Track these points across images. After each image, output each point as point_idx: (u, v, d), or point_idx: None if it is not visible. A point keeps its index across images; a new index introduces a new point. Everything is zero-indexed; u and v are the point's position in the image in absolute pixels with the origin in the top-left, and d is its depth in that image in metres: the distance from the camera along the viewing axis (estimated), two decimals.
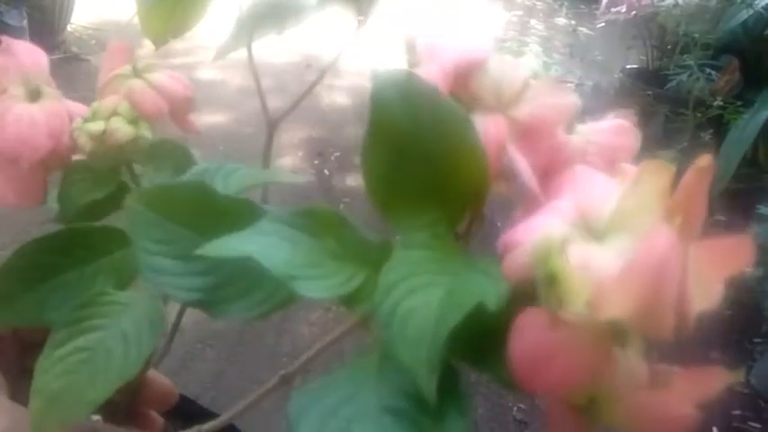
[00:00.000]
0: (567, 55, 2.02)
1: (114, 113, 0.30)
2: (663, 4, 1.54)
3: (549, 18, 2.68)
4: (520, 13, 2.77)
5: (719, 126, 1.36)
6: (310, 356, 0.23)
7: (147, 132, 0.30)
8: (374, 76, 0.21)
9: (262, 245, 0.21)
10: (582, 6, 2.56)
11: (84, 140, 0.28)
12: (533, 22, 2.73)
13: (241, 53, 0.46)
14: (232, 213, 0.24)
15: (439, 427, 0.19)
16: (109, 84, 0.31)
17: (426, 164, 0.21)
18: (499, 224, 0.21)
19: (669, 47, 1.68)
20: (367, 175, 0.21)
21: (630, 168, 0.23)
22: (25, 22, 1.64)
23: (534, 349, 0.18)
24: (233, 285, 0.23)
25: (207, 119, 1.76)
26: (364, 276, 0.22)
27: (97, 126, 0.29)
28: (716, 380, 0.17)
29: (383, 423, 0.19)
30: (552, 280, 0.17)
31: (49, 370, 0.22)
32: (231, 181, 0.30)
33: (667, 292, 0.16)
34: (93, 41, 2.06)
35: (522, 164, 0.21)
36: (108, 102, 0.30)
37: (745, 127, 1.32)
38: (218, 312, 0.23)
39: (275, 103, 0.45)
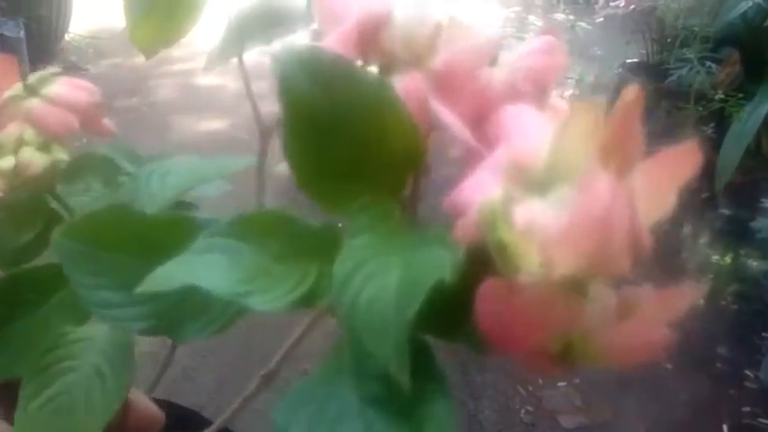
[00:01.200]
0: (567, 51, 2.02)
1: (21, 143, 0.27)
2: None
3: (547, 14, 2.67)
4: (518, 9, 2.76)
5: (721, 119, 1.35)
6: (286, 353, 0.23)
7: (62, 154, 0.28)
8: (275, 57, 0.20)
9: (200, 267, 0.20)
10: (580, 1, 2.55)
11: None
12: (531, 18, 2.72)
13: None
14: (166, 232, 0.23)
15: (422, 409, 0.19)
16: (3, 110, 0.28)
17: (351, 141, 0.20)
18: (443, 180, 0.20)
19: (669, 40, 1.67)
20: (292, 164, 0.20)
21: (560, 104, 0.23)
22: (22, 33, 1.64)
23: (501, 316, 0.18)
24: (183, 307, 0.22)
25: (206, 125, 1.76)
26: (316, 273, 0.21)
27: (6, 162, 0.26)
28: (683, 297, 0.17)
29: (367, 417, 0.19)
30: (502, 246, 0.17)
31: (30, 425, 0.21)
32: (168, 182, 0.29)
33: (616, 236, 0.16)
34: (92, 50, 2.06)
35: (449, 117, 0.20)
36: (9, 131, 0.27)
37: (747, 119, 1.31)
38: (176, 337, 0.22)
39: (273, 107, 0.44)
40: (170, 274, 0.19)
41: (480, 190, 0.18)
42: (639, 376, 1.15)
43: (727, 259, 1.41)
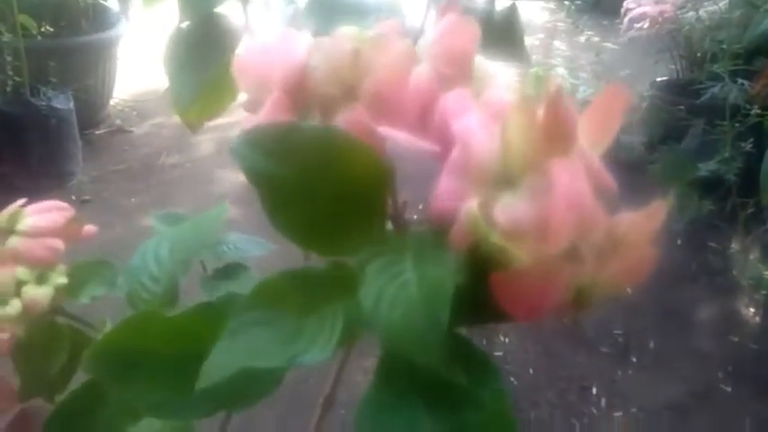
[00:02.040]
0: (593, 74, 2.02)
1: (19, 284, 0.27)
2: (685, 16, 1.53)
3: (571, 37, 2.67)
4: (541, 36, 2.78)
5: (760, 134, 1.33)
6: (337, 377, 0.24)
7: (60, 278, 0.29)
8: (231, 147, 0.21)
9: (243, 347, 0.21)
10: (604, 22, 2.55)
11: (9, 327, 0.26)
12: (556, 43, 2.73)
13: None
14: (195, 323, 0.24)
15: (479, 394, 0.20)
16: None
17: (322, 190, 0.22)
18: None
19: (698, 56, 1.66)
20: (281, 232, 0.22)
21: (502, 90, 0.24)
22: (71, 104, 1.74)
23: (517, 296, 0.20)
24: (236, 381, 0.23)
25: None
26: (344, 310, 0.22)
27: (14, 307, 0.27)
28: (656, 212, 0.20)
29: (433, 414, 0.20)
30: (496, 244, 0.19)
31: None
32: (177, 247, 0.31)
33: (587, 206, 0.19)
34: (135, 113, 2.17)
35: (398, 135, 0.21)
36: (2, 275, 0.27)
37: None
38: (236, 409, 0.24)
39: None
40: (221, 364, 0.21)
41: (455, 196, 0.20)
42: (698, 402, 1.12)
43: None
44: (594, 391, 1.15)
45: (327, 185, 0.22)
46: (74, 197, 1.68)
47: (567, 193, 0.18)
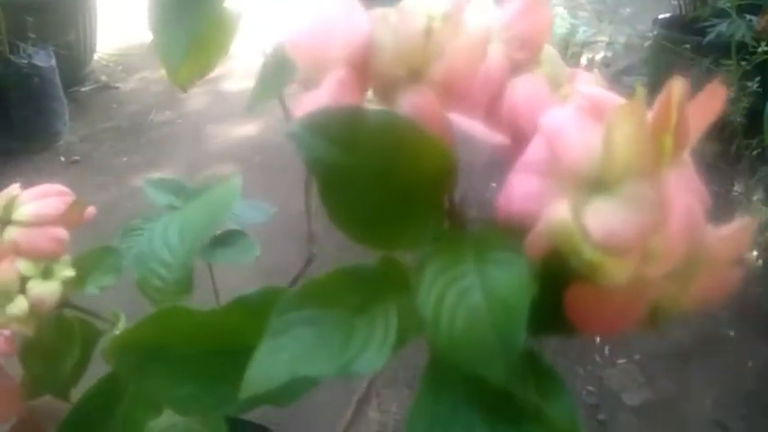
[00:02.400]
0: (594, 13, 1.95)
1: (23, 279, 0.25)
2: None
3: None
4: None
5: (766, 72, 1.29)
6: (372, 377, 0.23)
7: (66, 270, 0.26)
8: (290, 133, 0.19)
9: (291, 352, 0.20)
10: None
11: (20, 327, 0.24)
12: None
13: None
14: (232, 319, 0.23)
15: (547, 409, 0.19)
16: None
17: (384, 183, 0.20)
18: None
19: None
20: (339, 226, 0.20)
21: (583, 76, 0.22)
22: (53, 61, 1.68)
23: (595, 314, 0.19)
24: None
25: (239, 131, 1.78)
26: (397, 311, 0.21)
27: (20, 305, 0.24)
28: (742, 232, 0.19)
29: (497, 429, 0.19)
30: (587, 259, 0.17)
31: None
32: (186, 233, 0.30)
33: (702, 224, 0.18)
34: (120, 68, 2.10)
35: (470, 124, 0.20)
36: (5, 272, 0.25)
37: None
38: (272, 404, 0.23)
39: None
40: (266, 373, 0.19)
41: (534, 197, 0.19)
42: (701, 346, 1.13)
43: None
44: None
45: (391, 177, 0.20)
46: (63, 158, 1.64)
47: (686, 211, 0.17)
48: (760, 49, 1.28)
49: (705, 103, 0.19)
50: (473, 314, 0.18)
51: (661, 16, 1.78)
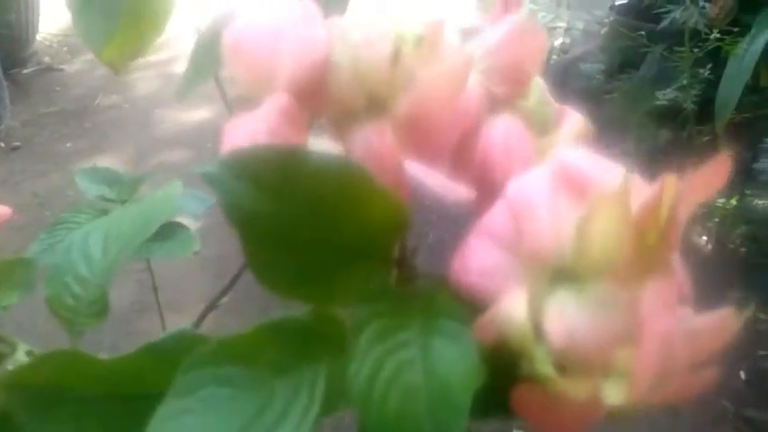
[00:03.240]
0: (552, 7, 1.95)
1: None
2: None
3: None
4: None
5: (718, 59, 1.30)
6: None
7: None
8: (208, 176, 0.17)
9: (199, 415, 0.17)
10: None
11: None
12: None
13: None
14: (138, 368, 0.21)
15: None
16: None
17: (327, 237, 0.18)
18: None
19: None
20: (265, 283, 0.18)
21: (570, 112, 0.20)
22: None
23: (542, 415, 0.16)
24: None
25: (190, 116, 1.72)
26: (326, 374, 0.18)
27: None
28: (726, 325, 0.16)
29: None
30: (536, 361, 0.15)
31: None
32: (110, 244, 0.27)
33: (675, 358, 0.15)
34: (65, 48, 2.01)
35: (430, 177, 0.17)
36: None
37: (744, 55, 1.26)
38: None
39: None
40: None
41: (490, 271, 0.16)
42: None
43: (733, 201, 1.38)
44: None
45: (330, 229, 0.18)
46: (2, 144, 1.57)
47: (662, 335, 0.15)
48: (712, 36, 1.29)
49: (703, 181, 0.17)
50: (409, 395, 0.16)
51: (618, 2, 1.78)
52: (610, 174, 0.16)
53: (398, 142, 0.17)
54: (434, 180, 0.17)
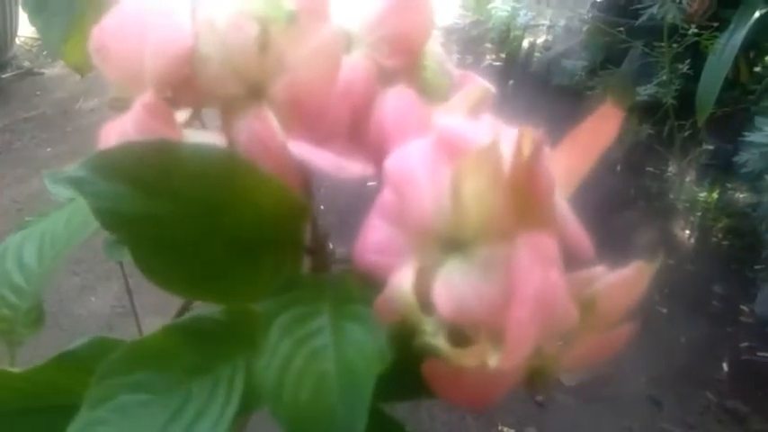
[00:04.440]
0: None
1: None
2: None
3: None
4: None
5: (697, 54, 1.31)
6: None
7: None
8: (70, 178, 0.15)
9: (116, 423, 0.17)
10: None
11: None
12: None
13: None
14: (48, 382, 0.20)
15: None
16: None
17: (219, 231, 0.17)
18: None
19: None
20: (158, 283, 0.17)
21: (471, 78, 0.19)
22: None
23: (454, 387, 0.16)
24: None
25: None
26: (244, 370, 0.18)
27: None
28: (639, 276, 0.16)
29: None
30: (428, 338, 0.15)
31: None
32: (46, 249, 0.26)
33: (561, 305, 0.15)
34: (45, 52, 1.98)
35: (318, 157, 0.16)
36: None
37: (723, 50, 1.27)
38: None
39: None
40: None
41: (385, 249, 0.16)
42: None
43: (714, 195, 1.39)
44: None
45: (220, 222, 0.17)
46: None
47: (535, 293, 0.14)
48: (690, 32, 1.30)
49: (597, 129, 0.17)
50: (322, 383, 0.15)
51: None
52: (488, 137, 0.15)
53: (283, 126, 0.17)
54: (323, 159, 0.16)
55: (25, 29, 1.99)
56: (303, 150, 0.16)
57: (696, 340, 1.14)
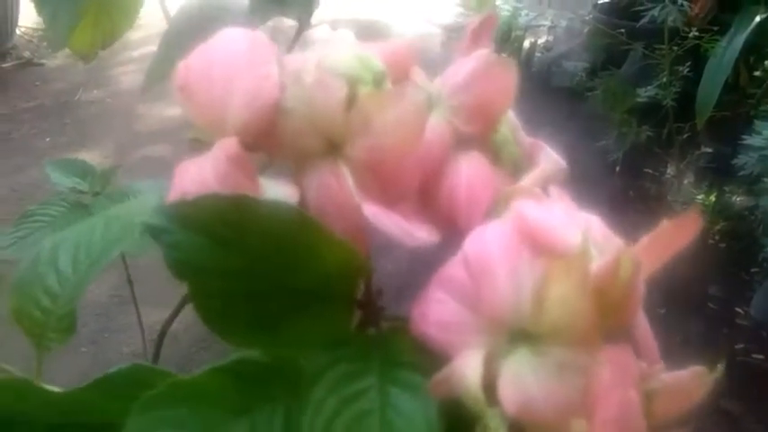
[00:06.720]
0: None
1: None
2: None
3: None
4: None
5: (698, 57, 1.31)
6: None
7: None
8: (149, 227, 0.16)
9: None
10: None
11: None
12: None
13: None
14: (86, 405, 0.20)
15: None
16: None
17: (282, 286, 0.17)
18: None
19: None
20: (230, 338, 0.17)
21: (547, 158, 0.19)
22: None
23: None
24: None
25: (174, 111, 1.70)
26: (284, 414, 0.18)
27: None
28: (698, 381, 0.17)
29: None
30: (491, 425, 0.15)
31: None
32: (82, 258, 0.26)
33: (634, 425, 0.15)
34: (46, 43, 1.98)
35: (388, 221, 0.16)
36: None
37: (723, 54, 1.27)
38: None
39: None
40: None
41: (447, 325, 0.16)
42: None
43: (712, 197, 1.40)
44: None
45: (284, 279, 0.17)
46: None
47: (619, 406, 0.14)
48: (691, 35, 1.30)
49: (675, 233, 0.17)
50: None
51: (600, 0, 1.79)
52: (571, 229, 0.16)
53: (356, 185, 0.17)
54: (393, 224, 0.16)
55: (26, 19, 1.98)
56: (376, 213, 0.16)
57: (691, 341, 1.15)
